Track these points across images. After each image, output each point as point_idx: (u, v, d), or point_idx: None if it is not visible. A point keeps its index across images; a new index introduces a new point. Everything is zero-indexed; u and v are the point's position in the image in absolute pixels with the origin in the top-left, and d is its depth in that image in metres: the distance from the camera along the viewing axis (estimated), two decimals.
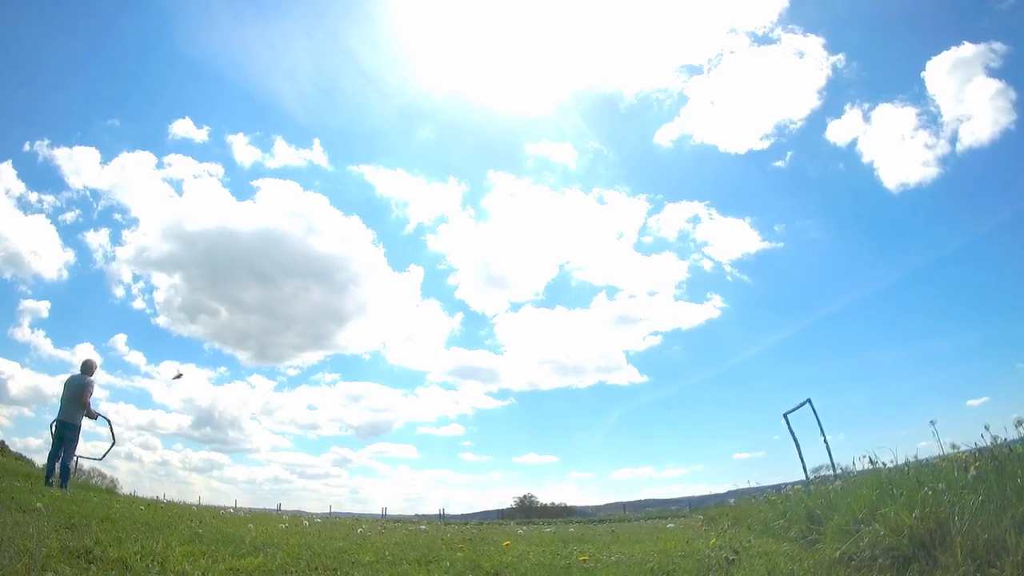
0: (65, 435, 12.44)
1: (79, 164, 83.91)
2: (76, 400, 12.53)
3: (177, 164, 79.30)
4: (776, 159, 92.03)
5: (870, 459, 9.51)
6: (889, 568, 3.60)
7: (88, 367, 13.24)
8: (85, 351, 69.66)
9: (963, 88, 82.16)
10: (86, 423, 13.56)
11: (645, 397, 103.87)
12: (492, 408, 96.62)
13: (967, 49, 77.17)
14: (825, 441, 13.69)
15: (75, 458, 13.50)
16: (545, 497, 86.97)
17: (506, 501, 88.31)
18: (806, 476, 14.48)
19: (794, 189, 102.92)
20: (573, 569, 5.27)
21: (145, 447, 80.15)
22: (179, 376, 55.50)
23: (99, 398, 68.98)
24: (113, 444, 16.31)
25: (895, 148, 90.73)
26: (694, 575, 4.52)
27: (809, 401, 14.26)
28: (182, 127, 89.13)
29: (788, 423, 15.19)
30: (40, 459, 17.40)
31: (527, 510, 77.69)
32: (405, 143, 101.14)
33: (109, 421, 15.10)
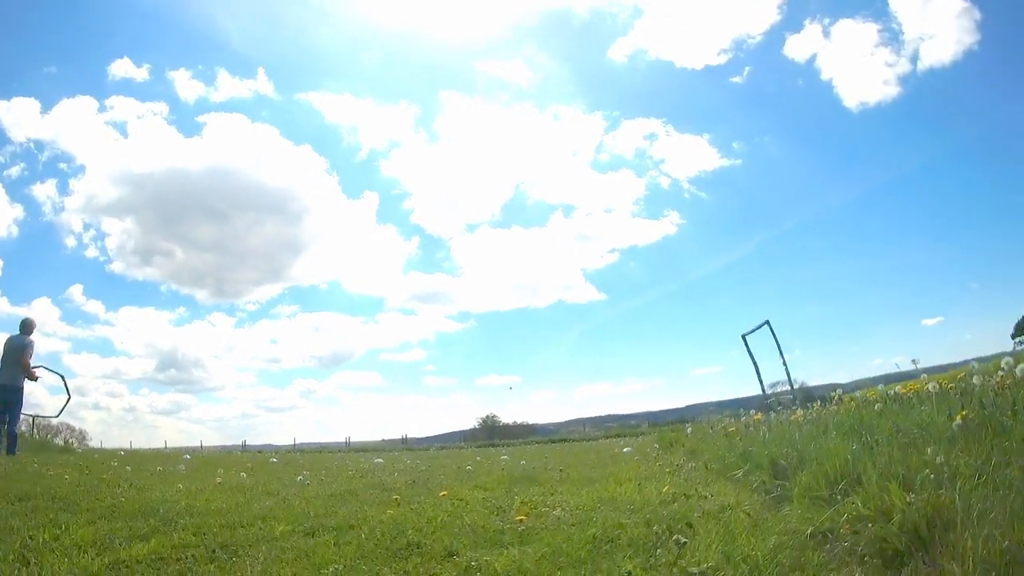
0: (8, 399, 12.16)
1: (19, 116, 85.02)
2: (15, 362, 12.18)
3: (119, 106, 78.93)
4: (734, 75, 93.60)
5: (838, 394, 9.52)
6: (878, 565, 2.92)
7: (26, 326, 12.84)
8: (42, 306, 69.51)
9: (926, 5, 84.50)
10: (40, 381, 13.54)
11: (604, 314, 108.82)
12: (453, 331, 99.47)
13: None
14: (784, 363, 14.02)
15: (20, 422, 13.19)
16: (507, 416, 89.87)
17: (470, 422, 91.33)
18: (764, 393, 15.14)
19: (752, 106, 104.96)
20: (506, 534, 4.84)
21: (111, 395, 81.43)
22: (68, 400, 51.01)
23: (61, 351, 72.64)
24: (68, 399, 16.48)
25: (855, 65, 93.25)
26: (640, 550, 3.89)
27: (768, 323, 14.71)
28: (121, 67, 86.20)
29: (747, 344, 15.56)
30: None
31: (490, 430, 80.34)
32: (352, 67, 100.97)
33: (62, 376, 15.29)
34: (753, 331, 15.45)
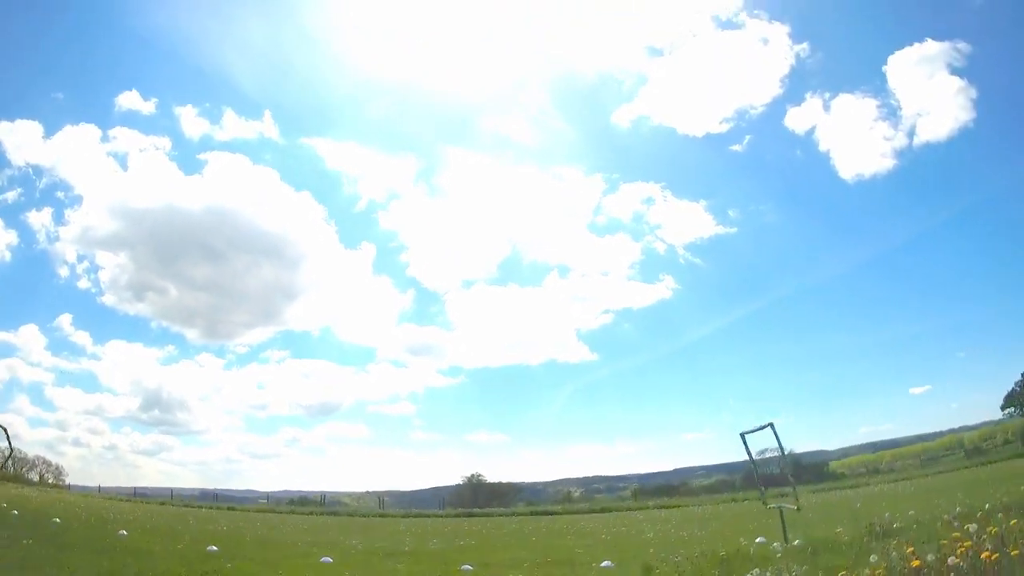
0: None
1: (21, 139, 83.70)
2: None
3: (122, 137, 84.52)
4: (734, 143, 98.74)
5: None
6: None
7: None
8: (30, 332, 70.49)
9: (924, 84, 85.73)
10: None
11: (595, 374, 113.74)
12: (443, 386, 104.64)
13: (931, 46, 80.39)
14: (782, 470, 11.56)
15: None
16: (495, 474, 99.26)
17: (456, 478, 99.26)
18: (763, 501, 14.47)
19: (750, 174, 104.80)
20: None
21: (93, 432, 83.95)
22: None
23: (44, 383, 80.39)
24: (11, 453, 17.14)
25: (853, 138, 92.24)
26: None
27: (772, 425, 13.41)
28: (128, 99, 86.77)
29: (745, 443, 14.48)
30: None
31: (475, 488, 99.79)
32: (358, 116, 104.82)
33: (4, 430, 15.48)
34: (755, 431, 14.35)
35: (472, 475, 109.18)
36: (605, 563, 10.63)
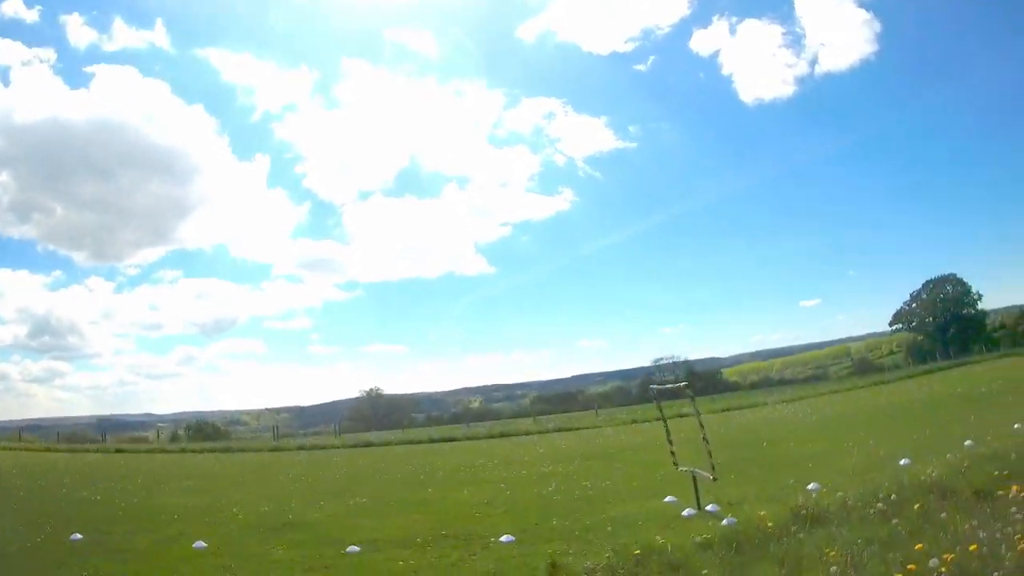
0: None
1: None
2: None
3: (4, 50, 76.18)
4: (638, 63, 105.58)
5: None
6: None
7: None
8: None
9: (831, 13, 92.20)
10: None
11: (493, 287, 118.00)
12: (340, 300, 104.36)
13: None
14: (704, 438, 9.72)
15: None
16: (394, 386, 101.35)
17: (355, 391, 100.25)
18: (674, 463, 12.09)
19: (653, 94, 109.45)
20: None
21: None
22: None
23: None
24: None
25: (756, 63, 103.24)
26: None
27: (688, 387, 13.25)
28: (10, 6, 77.30)
29: (657, 398, 14.28)
30: None
31: (373, 402, 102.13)
32: (255, 27, 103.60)
33: None
34: (667, 386, 14.83)
35: (370, 389, 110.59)
36: (505, 538, 10.08)
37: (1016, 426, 13.52)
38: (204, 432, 71.77)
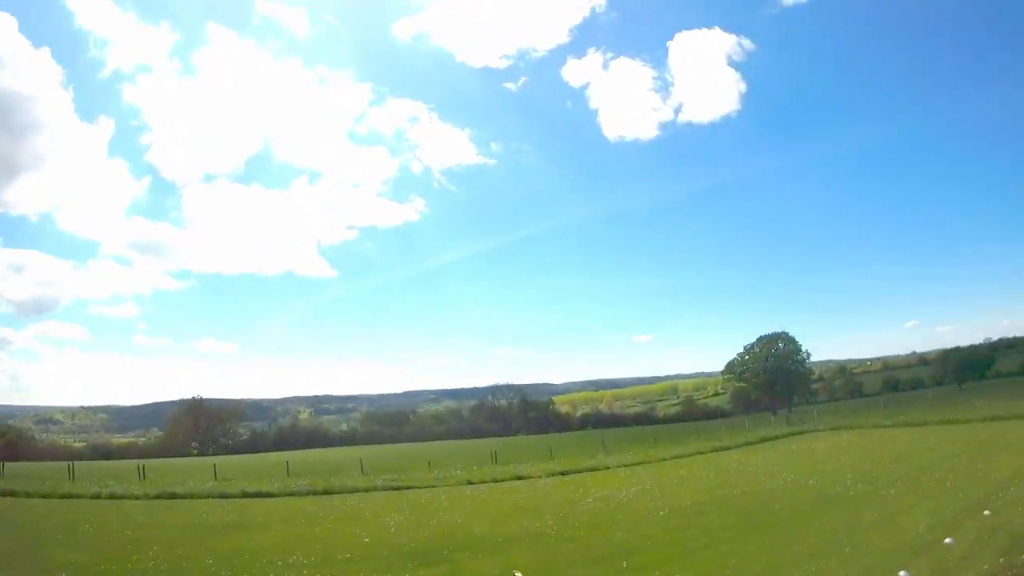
0: None
1: None
2: None
3: None
4: (509, 80, 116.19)
5: None
6: None
7: None
8: None
9: (702, 67, 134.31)
10: None
11: (333, 291, 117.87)
12: (171, 289, 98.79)
13: (718, 35, 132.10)
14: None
15: None
16: (221, 389, 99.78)
17: (180, 391, 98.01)
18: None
19: (520, 114, 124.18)
20: None
21: None
22: None
23: None
24: None
25: (624, 101, 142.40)
26: None
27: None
28: None
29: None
30: None
31: (195, 413, 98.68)
32: None
33: None
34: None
35: (193, 398, 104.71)
36: None
37: (986, 513, 13.27)
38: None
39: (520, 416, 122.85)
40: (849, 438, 38.12)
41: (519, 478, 30.03)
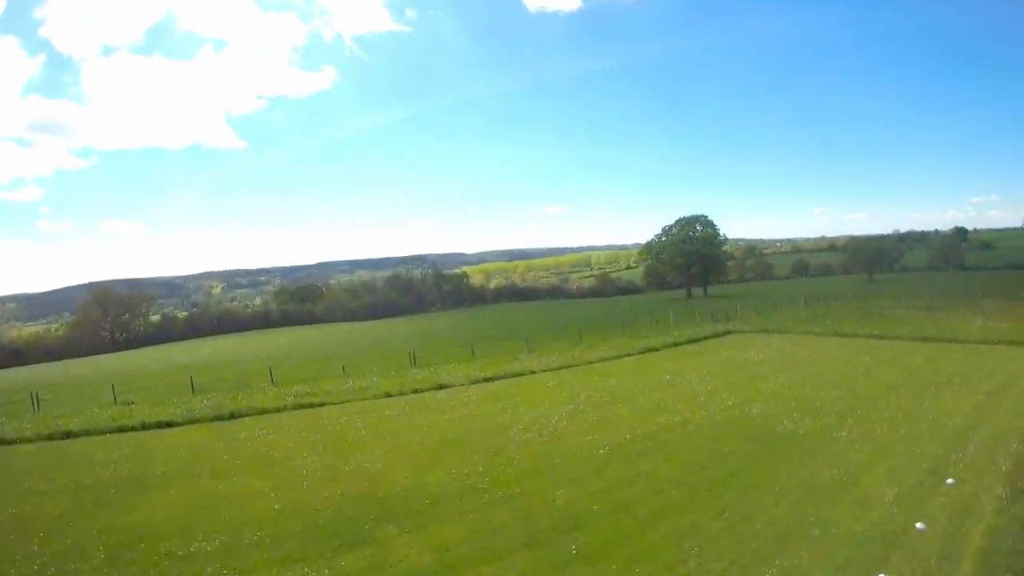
0: None
1: None
2: None
3: None
4: None
5: None
6: None
7: None
8: None
9: None
10: None
11: (243, 163, 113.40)
12: (74, 169, 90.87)
13: None
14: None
15: None
16: (131, 269, 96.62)
17: (89, 275, 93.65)
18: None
19: None
20: None
21: None
22: None
23: None
24: None
25: None
26: None
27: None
28: None
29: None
30: None
31: (103, 304, 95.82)
32: None
33: None
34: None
35: (100, 286, 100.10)
36: None
37: (950, 481, 13.29)
38: None
39: (434, 290, 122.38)
40: (781, 346, 36.96)
41: (440, 387, 29.22)
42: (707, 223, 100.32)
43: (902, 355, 31.43)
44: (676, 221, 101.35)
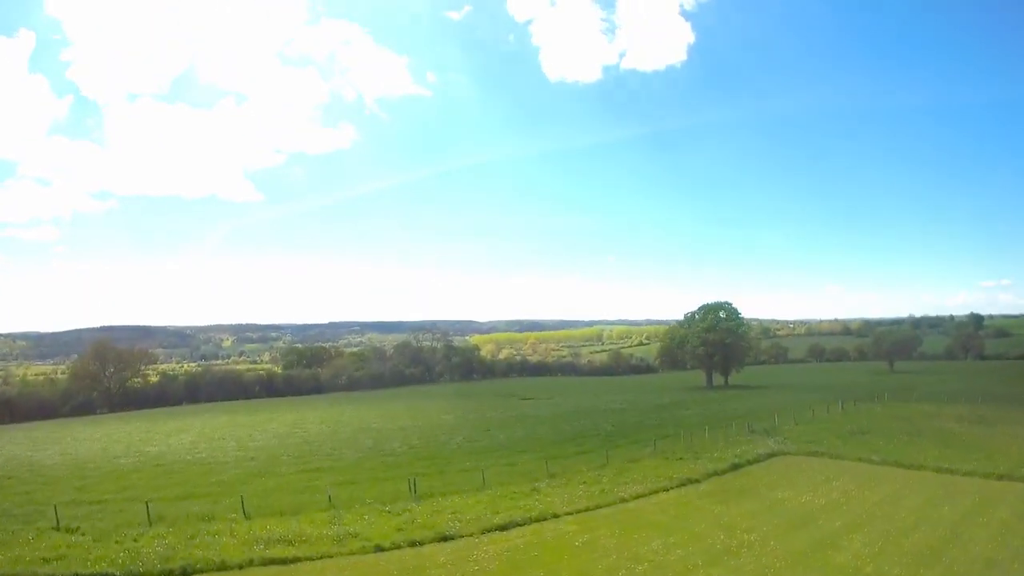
0: None
1: None
2: None
3: None
4: (452, 9, 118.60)
5: None
6: None
7: None
8: None
9: (653, 16, 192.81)
10: None
11: (259, 216, 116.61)
12: (91, 212, 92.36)
13: None
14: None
15: None
16: (140, 316, 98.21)
17: (97, 319, 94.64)
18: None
19: (460, 45, 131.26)
20: None
21: None
22: None
23: None
24: None
25: (567, 42, 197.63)
26: None
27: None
28: None
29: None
30: None
31: (102, 358, 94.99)
32: None
33: None
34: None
35: (98, 344, 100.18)
36: None
37: None
38: None
39: (444, 361, 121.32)
40: (842, 485, 31.25)
41: (445, 538, 24.00)
42: (731, 310, 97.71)
43: (984, 505, 27.02)
44: (699, 308, 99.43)
